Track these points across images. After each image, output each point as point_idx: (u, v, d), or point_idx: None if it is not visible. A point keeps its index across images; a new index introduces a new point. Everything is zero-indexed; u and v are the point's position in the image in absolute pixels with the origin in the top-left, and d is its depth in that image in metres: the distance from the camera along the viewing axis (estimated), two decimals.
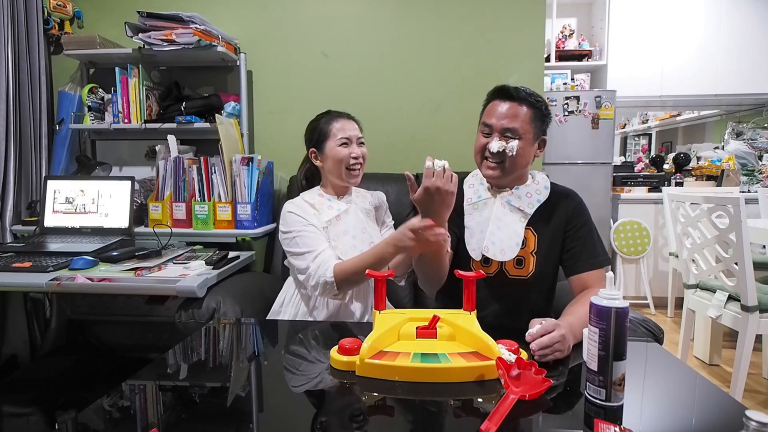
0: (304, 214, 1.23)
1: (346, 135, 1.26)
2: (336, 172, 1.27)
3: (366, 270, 1.08)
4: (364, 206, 1.35)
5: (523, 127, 1.07)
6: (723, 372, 2.20)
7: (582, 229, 1.12)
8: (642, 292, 3.20)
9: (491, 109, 1.11)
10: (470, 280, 0.88)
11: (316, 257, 1.16)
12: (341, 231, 1.25)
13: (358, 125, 1.32)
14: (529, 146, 1.10)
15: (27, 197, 1.90)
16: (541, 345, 0.81)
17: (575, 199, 1.16)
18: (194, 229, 1.72)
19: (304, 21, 2.00)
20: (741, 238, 1.72)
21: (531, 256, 1.13)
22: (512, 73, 1.97)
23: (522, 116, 1.08)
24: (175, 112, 1.85)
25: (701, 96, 3.53)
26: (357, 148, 1.28)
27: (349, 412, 0.68)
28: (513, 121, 1.07)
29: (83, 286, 1.30)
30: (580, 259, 1.10)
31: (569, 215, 1.14)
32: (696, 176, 3.64)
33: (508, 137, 1.07)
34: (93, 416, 0.69)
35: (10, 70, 1.79)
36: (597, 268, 1.09)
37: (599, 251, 1.11)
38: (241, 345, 1.03)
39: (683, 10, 3.42)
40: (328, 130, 1.28)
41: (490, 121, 1.09)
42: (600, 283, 1.08)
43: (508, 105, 1.09)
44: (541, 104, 1.11)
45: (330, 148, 1.26)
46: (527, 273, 1.13)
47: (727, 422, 0.64)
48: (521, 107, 1.08)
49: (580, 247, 1.11)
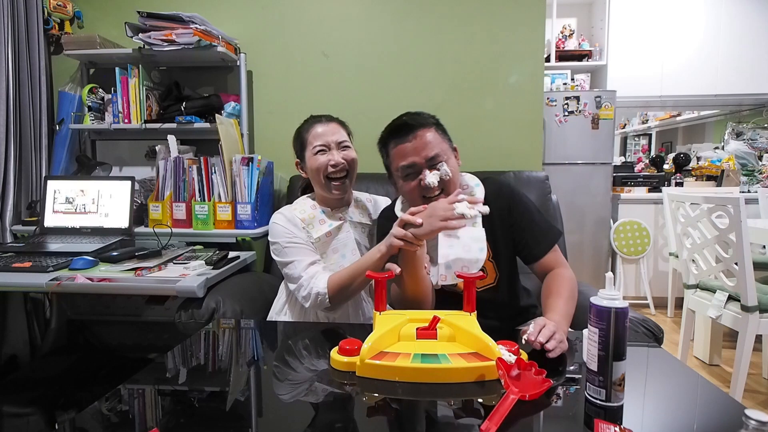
0: (290, 226, 1.18)
1: (323, 141, 1.17)
2: (318, 183, 1.19)
3: (358, 277, 1.06)
4: (361, 220, 1.27)
5: (441, 147, 1.04)
6: (723, 372, 2.20)
7: (524, 217, 1.10)
8: (642, 293, 3.20)
9: (401, 151, 1.04)
10: (470, 281, 0.89)
11: (308, 267, 1.12)
12: (331, 249, 1.21)
13: (342, 126, 1.23)
14: (453, 161, 1.07)
15: (27, 197, 1.90)
16: (546, 337, 0.81)
17: (505, 191, 1.13)
18: (194, 229, 1.72)
19: (304, 21, 2.00)
20: (741, 238, 1.72)
21: (489, 262, 1.11)
22: (512, 73, 1.97)
23: (434, 139, 1.04)
24: (175, 112, 1.85)
25: (701, 96, 3.53)
26: (337, 154, 1.17)
27: (350, 413, 0.68)
28: (432, 148, 1.03)
29: (83, 286, 1.29)
30: (533, 246, 1.09)
31: (507, 209, 1.11)
32: (696, 176, 3.64)
33: (435, 166, 1.03)
34: (90, 419, 0.69)
35: (10, 70, 1.79)
36: (551, 247, 1.09)
37: (546, 229, 1.11)
38: (240, 347, 1.03)
39: (683, 10, 3.42)
40: (305, 138, 1.20)
41: (408, 162, 1.03)
42: (559, 260, 1.09)
43: (416, 136, 1.03)
44: (432, 118, 1.09)
45: (308, 158, 1.19)
46: (493, 279, 1.12)
47: (727, 422, 0.64)
48: (427, 131, 1.04)
49: (528, 235, 1.10)
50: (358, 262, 1.09)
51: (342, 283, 1.08)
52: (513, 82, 1.97)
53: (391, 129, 1.09)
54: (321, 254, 1.19)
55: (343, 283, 1.08)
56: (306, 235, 1.18)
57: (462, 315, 0.88)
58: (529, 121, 1.97)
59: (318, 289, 1.09)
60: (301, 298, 1.13)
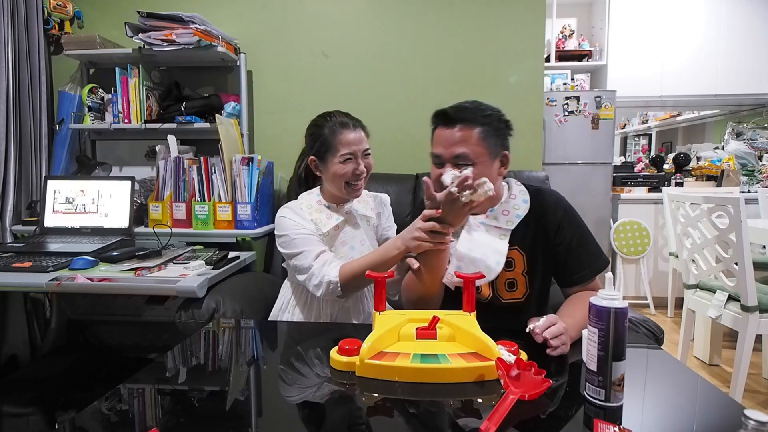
0: (298, 218, 1.18)
1: (351, 150, 1.16)
2: (336, 186, 1.19)
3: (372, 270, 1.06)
4: (365, 213, 1.28)
5: (474, 150, 0.97)
6: (723, 372, 2.20)
7: (574, 240, 1.04)
8: (642, 293, 3.20)
9: (436, 138, 1.01)
10: (470, 281, 0.89)
11: (319, 256, 1.12)
12: (339, 242, 1.21)
13: (364, 131, 1.22)
14: (488, 168, 0.99)
15: (27, 197, 1.90)
16: (553, 334, 0.81)
17: (561, 208, 1.07)
18: (194, 229, 1.72)
19: (304, 21, 2.00)
20: (741, 238, 1.71)
21: (522, 276, 1.05)
22: (512, 73, 1.97)
23: (471, 139, 0.97)
24: (175, 112, 1.85)
25: (701, 96, 3.53)
26: (361, 162, 1.18)
27: (350, 413, 0.68)
28: (462, 147, 0.97)
29: (83, 286, 1.30)
30: (576, 271, 1.03)
31: (557, 228, 1.05)
32: (696, 176, 3.64)
33: (461, 165, 0.97)
34: (90, 419, 0.69)
35: (10, 70, 1.80)
36: (594, 275, 1.04)
37: (595, 256, 1.04)
38: (240, 347, 1.03)
39: (683, 10, 3.42)
40: (333, 143, 1.17)
41: (437, 151, 1.00)
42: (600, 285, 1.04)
43: (451, 130, 0.98)
44: (491, 118, 1.00)
45: (333, 164, 1.17)
46: (521, 295, 1.05)
47: (726, 422, 0.64)
48: (467, 129, 0.97)
49: (575, 259, 1.03)
50: (373, 255, 1.09)
51: (355, 273, 1.08)
52: (513, 82, 1.97)
53: (436, 113, 1.03)
54: (330, 248, 1.20)
55: (355, 273, 1.08)
56: (314, 227, 1.18)
57: (462, 315, 0.88)
58: (529, 121, 1.97)
59: (330, 277, 1.08)
60: (313, 287, 1.11)
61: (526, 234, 1.05)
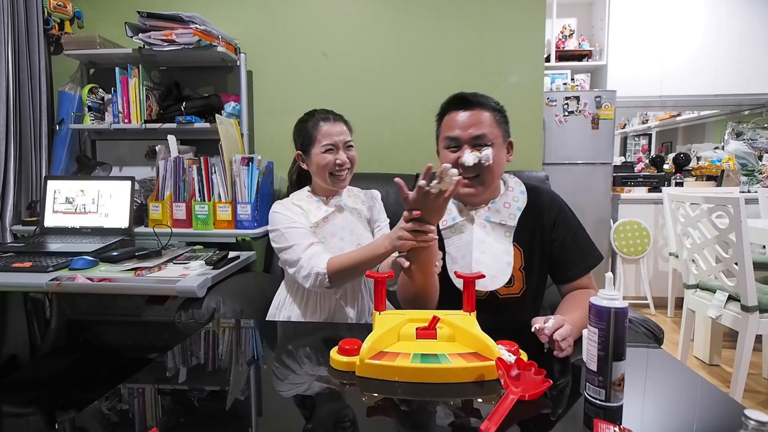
0: (290, 213, 1.22)
1: (332, 141, 1.22)
2: (321, 177, 1.25)
3: (360, 265, 1.08)
4: (355, 207, 1.33)
5: (492, 132, 1.01)
6: (723, 372, 2.20)
7: (568, 235, 1.06)
8: (642, 293, 3.20)
9: (451, 121, 1.03)
10: (470, 281, 0.88)
11: (308, 248, 1.15)
12: (329, 233, 1.24)
13: (346, 126, 1.28)
14: (502, 152, 1.04)
15: (27, 197, 1.90)
16: (562, 336, 0.81)
17: (556, 205, 1.09)
18: (194, 229, 1.72)
19: (304, 21, 2.00)
20: (741, 238, 1.72)
21: (519, 272, 1.06)
22: (512, 73, 1.97)
23: (487, 121, 1.01)
24: (175, 112, 1.85)
25: (701, 96, 3.53)
26: (343, 154, 1.24)
27: (350, 413, 0.68)
28: (480, 128, 1.00)
29: (83, 286, 1.30)
30: (570, 267, 1.05)
31: (553, 224, 1.07)
32: (696, 176, 3.64)
33: (480, 146, 1.00)
34: (90, 419, 0.69)
35: (10, 70, 1.80)
36: (588, 271, 1.06)
37: (588, 252, 1.06)
38: (240, 347, 1.03)
39: (683, 10, 3.42)
40: (313, 134, 1.24)
41: (454, 134, 1.02)
42: (591, 285, 1.06)
43: (469, 112, 1.01)
44: (499, 106, 1.06)
45: (315, 154, 1.23)
46: (518, 290, 1.07)
47: (726, 422, 0.64)
48: (484, 112, 1.02)
49: (570, 256, 1.06)
50: (362, 251, 1.11)
51: (343, 266, 1.10)
52: (513, 82, 1.97)
53: (450, 99, 1.06)
54: (321, 239, 1.23)
55: (344, 267, 1.10)
56: (305, 220, 1.22)
57: (461, 315, 0.88)
58: (529, 121, 1.97)
59: (318, 269, 1.11)
60: (302, 279, 1.14)
61: (524, 230, 1.06)
